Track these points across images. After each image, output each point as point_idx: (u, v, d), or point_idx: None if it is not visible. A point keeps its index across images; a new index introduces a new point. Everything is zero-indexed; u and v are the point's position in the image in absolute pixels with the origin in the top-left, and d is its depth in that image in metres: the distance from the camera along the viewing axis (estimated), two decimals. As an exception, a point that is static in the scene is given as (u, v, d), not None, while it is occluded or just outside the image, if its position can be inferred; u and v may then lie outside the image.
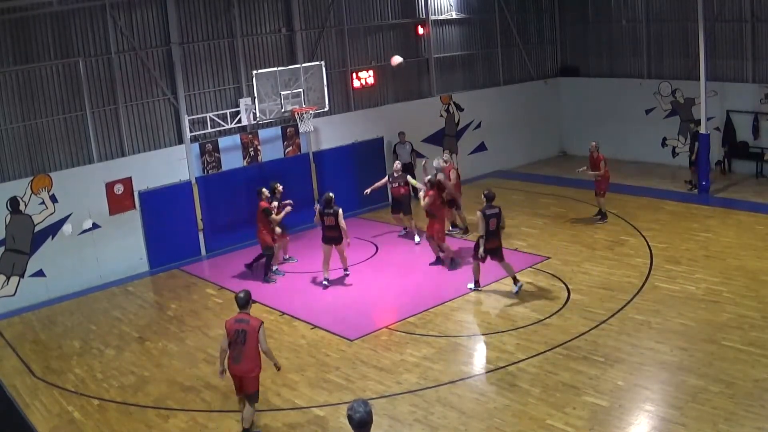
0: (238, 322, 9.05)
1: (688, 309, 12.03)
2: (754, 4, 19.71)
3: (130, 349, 12.61)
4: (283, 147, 18.53)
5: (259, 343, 8.99)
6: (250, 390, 9.19)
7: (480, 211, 13.08)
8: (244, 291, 9.33)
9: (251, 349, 8.98)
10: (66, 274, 15.45)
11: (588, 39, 23.99)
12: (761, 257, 14.00)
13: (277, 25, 18.37)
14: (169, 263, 16.71)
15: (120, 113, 16.23)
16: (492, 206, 13.14)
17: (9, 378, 11.82)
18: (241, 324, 9.02)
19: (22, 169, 15.13)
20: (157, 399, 10.75)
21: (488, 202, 13.20)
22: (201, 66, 17.25)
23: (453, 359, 11.19)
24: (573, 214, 17.94)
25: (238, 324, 9.03)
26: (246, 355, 8.98)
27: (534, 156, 23.96)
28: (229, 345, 9.03)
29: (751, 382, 9.57)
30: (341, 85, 19.67)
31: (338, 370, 11.14)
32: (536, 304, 12.84)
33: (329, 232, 14.24)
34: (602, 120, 23.25)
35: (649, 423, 8.97)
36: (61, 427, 10.18)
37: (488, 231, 13.01)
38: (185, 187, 17.05)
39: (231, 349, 9.04)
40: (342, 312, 13.38)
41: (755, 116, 19.81)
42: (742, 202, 17.82)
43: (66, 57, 15.40)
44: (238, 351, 8.98)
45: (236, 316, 9.17)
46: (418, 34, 21.26)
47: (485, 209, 13.07)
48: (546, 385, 10.00)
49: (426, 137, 21.19)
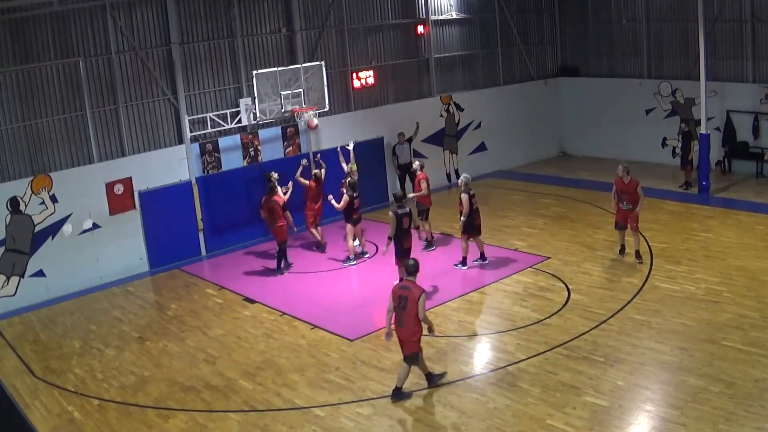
0: (402, 288, 9.76)
1: (688, 309, 12.03)
2: (754, 4, 19.72)
3: (130, 349, 12.61)
4: (284, 147, 18.53)
5: (417, 311, 9.53)
6: (406, 351, 9.87)
7: (392, 212, 13.42)
8: (414, 259, 10.22)
9: (411, 315, 9.61)
10: (66, 274, 15.44)
11: (588, 39, 23.99)
12: (761, 257, 14.00)
13: (277, 25, 18.37)
14: (169, 263, 16.71)
15: (120, 113, 16.23)
16: (402, 206, 13.45)
17: (9, 378, 11.82)
18: (404, 291, 9.70)
19: (22, 169, 15.13)
20: (157, 399, 10.75)
21: (398, 202, 13.56)
22: (201, 66, 17.25)
23: (453, 359, 11.19)
24: (573, 214, 17.94)
25: (402, 290, 9.73)
26: (407, 321, 9.66)
27: (534, 156, 23.96)
28: (394, 309, 9.77)
29: (751, 382, 9.57)
30: (341, 85, 19.67)
31: (338, 370, 11.14)
32: (536, 304, 12.85)
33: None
34: (602, 120, 23.27)
35: (649, 423, 8.97)
36: (61, 427, 10.18)
37: (401, 230, 13.39)
38: (185, 187, 17.04)
39: (396, 312, 9.76)
40: (342, 312, 13.38)
41: (755, 116, 19.82)
42: (742, 202, 17.82)
43: (66, 57, 15.40)
44: (401, 316, 9.71)
45: (402, 282, 9.97)
46: (418, 34, 21.26)
47: (397, 209, 13.38)
48: (546, 385, 10.01)
49: (426, 137, 21.19)
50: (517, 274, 14.34)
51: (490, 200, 19.12)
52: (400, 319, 9.72)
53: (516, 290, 13.58)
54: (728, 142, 20.43)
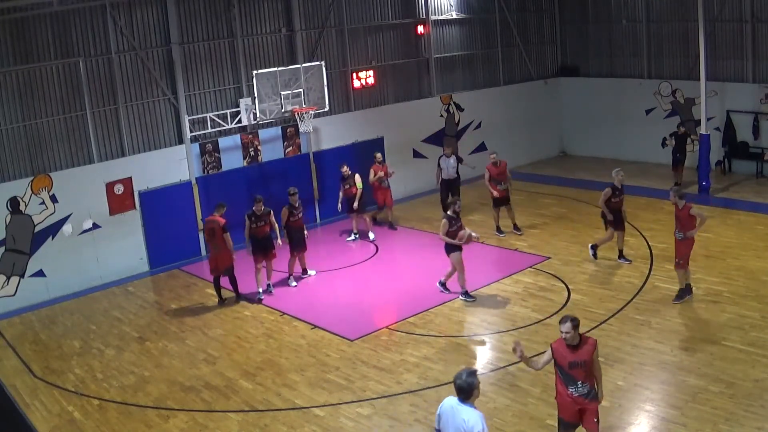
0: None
1: (688, 309, 12.03)
2: (754, 4, 19.72)
3: (130, 349, 12.61)
4: (283, 147, 18.53)
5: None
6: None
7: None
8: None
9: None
10: (66, 274, 15.45)
11: (588, 39, 24.00)
12: (761, 257, 14.01)
13: (277, 25, 18.37)
14: (169, 263, 16.71)
15: (120, 113, 16.23)
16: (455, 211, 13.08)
17: (9, 378, 11.82)
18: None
19: (22, 169, 15.13)
20: (157, 399, 10.75)
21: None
22: (201, 66, 17.25)
23: (453, 359, 11.18)
24: (573, 214, 17.94)
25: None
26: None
27: (534, 156, 23.95)
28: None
29: (751, 382, 9.57)
30: (341, 85, 19.67)
31: (338, 370, 11.14)
32: (536, 304, 12.85)
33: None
34: (602, 120, 23.28)
35: (649, 423, 8.97)
36: (61, 427, 10.18)
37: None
38: (185, 187, 17.05)
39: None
40: (342, 312, 13.38)
41: (755, 116, 19.82)
42: (742, 202, 17.83)
43: (66, 57, 15.40)
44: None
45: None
46: (418, 34, 21.26)
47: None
48: (546, 385, 9.99)
49: (426, 137, 21.19)
50: (517, 274, 14.34)
51: (490, 200, 19.08)
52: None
53: (516, 290, 13.58)
54: (728, 142, 20.44)
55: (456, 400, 6.34)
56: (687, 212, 12.09)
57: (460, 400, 6.31)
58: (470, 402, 6.29)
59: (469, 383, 6.26)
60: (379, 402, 10.05)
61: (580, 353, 7.43)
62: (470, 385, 6.26)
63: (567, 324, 7.36)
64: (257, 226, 14.09)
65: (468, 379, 6.27)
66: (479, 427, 6.12)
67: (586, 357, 7.43)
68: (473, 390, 6.28)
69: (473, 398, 6.29)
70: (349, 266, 15.79)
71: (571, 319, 7.41)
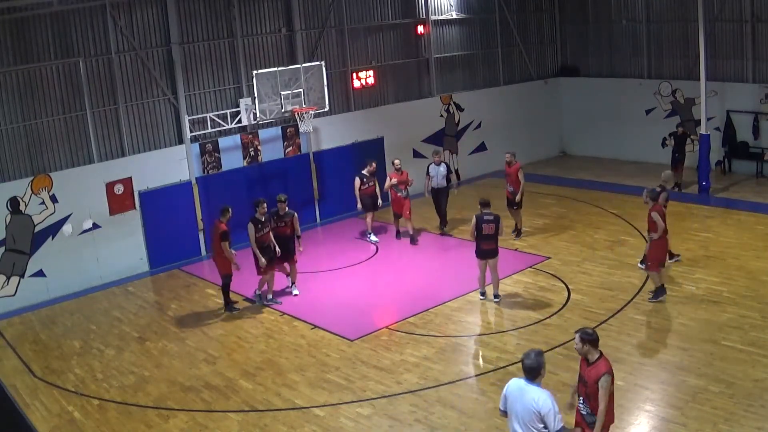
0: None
1: (688, 309, 12.04)
2: (754, 4, 19.72)
3: (130, 349, 12.61)
4: (284, 147, 18.52)
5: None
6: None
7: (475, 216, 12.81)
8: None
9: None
10: (66, 274, 15.44)
11: (588, 39, 24.00)
12: (761, 257, 14.01)
13: (277, 25, 18.36)
14: (169, 263, 16.70)
15: (120, 113, 16.23)
16: (488, 213, 12.82)
17: (9, 378, 11.82)
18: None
19: (22, 169, 15.13)
20: (157, 399, 10.75)
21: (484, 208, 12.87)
22: (201, 66, 17.25)
23: (453, 359, 11.19)
24: (573, 214, 17.94)
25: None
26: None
27: (534, 156, 23.93)
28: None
29: (751, 382, 9.57)
30: (341, 85, 19.67)
31: (338, 370, 11.13)
32: (536, 304, 12.85)
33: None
34: (602, 120, 23.27)
35: (649, 423, 8.98)
36: (61, 427, 10.18)
37: (481, 235, 12.75)
38: (185, 187, 17.04)
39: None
40: (342, 312, 13.38)
41: (755, 116, 19.82)
42: (742, 202, 17.83)
43: (66, 57, 15.39)
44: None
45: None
46: (418, 34, 21.26)
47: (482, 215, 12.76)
48: (546, 385, 9.89)
49: (426, 137, 21.19)
50: (517, 274, 14.34)
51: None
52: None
53: (516, 290, 13.59)
54: (728, 142, 20.44)
55: (523, 381, 6.51)
56: (649, 214, 12.30)
57: (527, 380, 6.48)
58: (538, 382, 6.46)
59: (538, 362, 6.43)
60: (379, 402, 10.05)
61: (588, 371, 7.12)
62: (539, 364, 6.43)
63: (576, 336, 7.21)
64: (278, 226, 13.79)
65: (537, 358, 6.44)
66: (548, 405, 6.29)
67: (591, 379, 7.07)
68: (541, 369, 6.45)
69: (540, 378, 6.46)
70: (349, 266, 15.78)
71: (581, 332, 7.20)
